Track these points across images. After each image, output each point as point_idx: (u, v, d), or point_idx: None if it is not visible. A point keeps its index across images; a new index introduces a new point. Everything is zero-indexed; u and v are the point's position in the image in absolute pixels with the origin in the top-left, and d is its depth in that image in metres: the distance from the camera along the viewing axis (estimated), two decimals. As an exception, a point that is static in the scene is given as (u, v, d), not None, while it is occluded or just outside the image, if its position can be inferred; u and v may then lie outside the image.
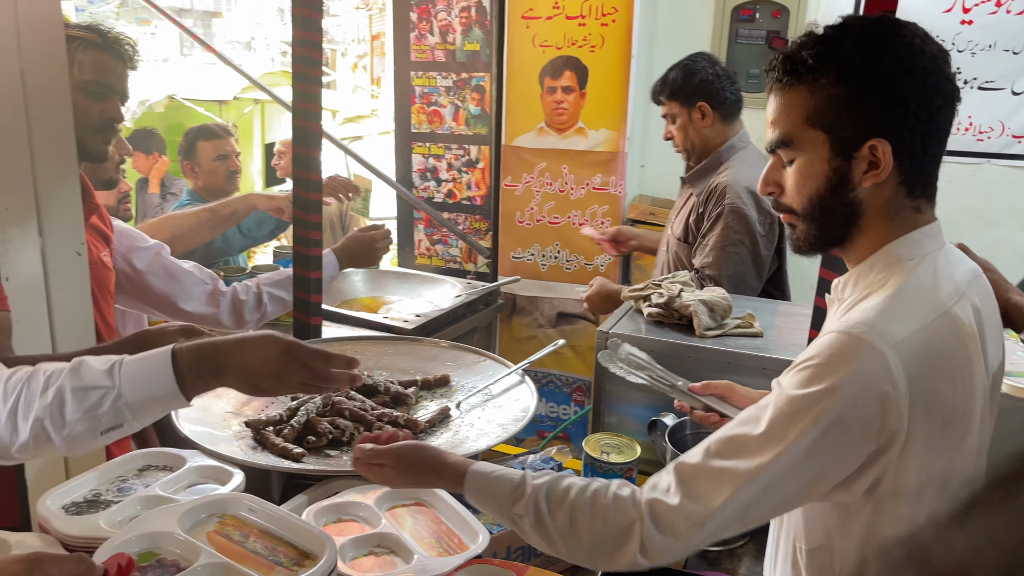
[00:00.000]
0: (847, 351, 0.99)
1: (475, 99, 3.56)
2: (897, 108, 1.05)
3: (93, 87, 1.78)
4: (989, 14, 3.29)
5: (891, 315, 1.02)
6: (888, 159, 1.05)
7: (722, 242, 2.41)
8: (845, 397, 0.98)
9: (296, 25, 1.86)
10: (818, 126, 1.08)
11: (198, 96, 6.31)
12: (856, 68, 1.05)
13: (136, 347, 1.36)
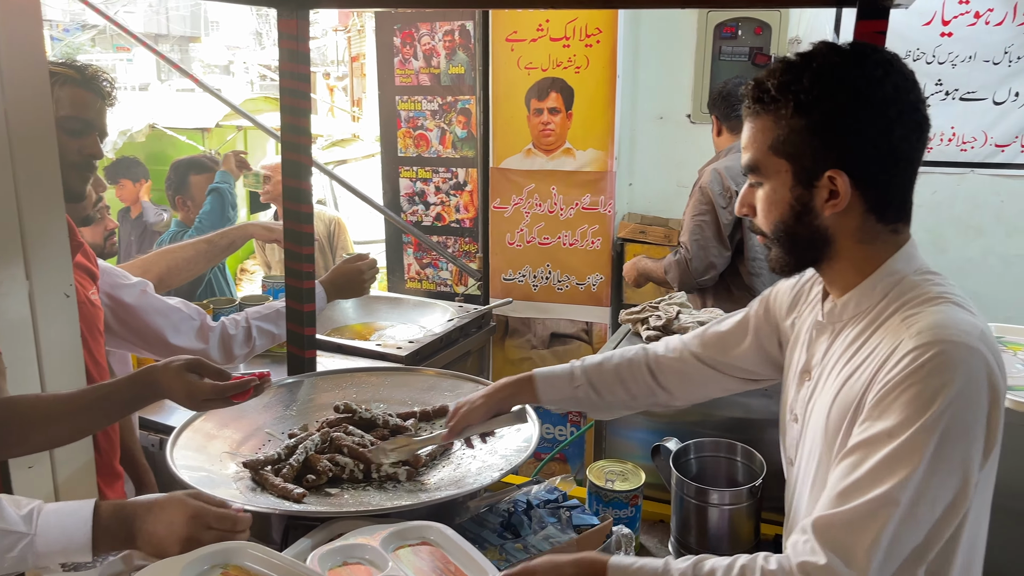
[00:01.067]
0: (947, 358, 0.99)
1: (461, 122, 3.56)
2: (854, 140, 1.07)
3: (72, 123, 1.75)
4: (968, 26, 3.33)
5: (958, 317, 1.04)
6: (846, 190, 1.08)
7: (691, 212, 2.77)
8: (964, 403, 0.97)
9: (283, 58, 1.85)
10: (781, 154, 1.12)
11: (179, 124, 6.27)
12: (813, 100, 1.07)
13: (144, 384, 1.43)
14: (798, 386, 1.27)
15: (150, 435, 2.13)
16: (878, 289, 1.13)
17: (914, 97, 1.09)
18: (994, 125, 3.41)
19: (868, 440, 1.01)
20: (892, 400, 1.01)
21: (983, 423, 1.00)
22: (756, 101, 1.13)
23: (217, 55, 20.65)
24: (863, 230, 1.12)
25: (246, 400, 1.48)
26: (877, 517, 0.97)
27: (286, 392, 1.92)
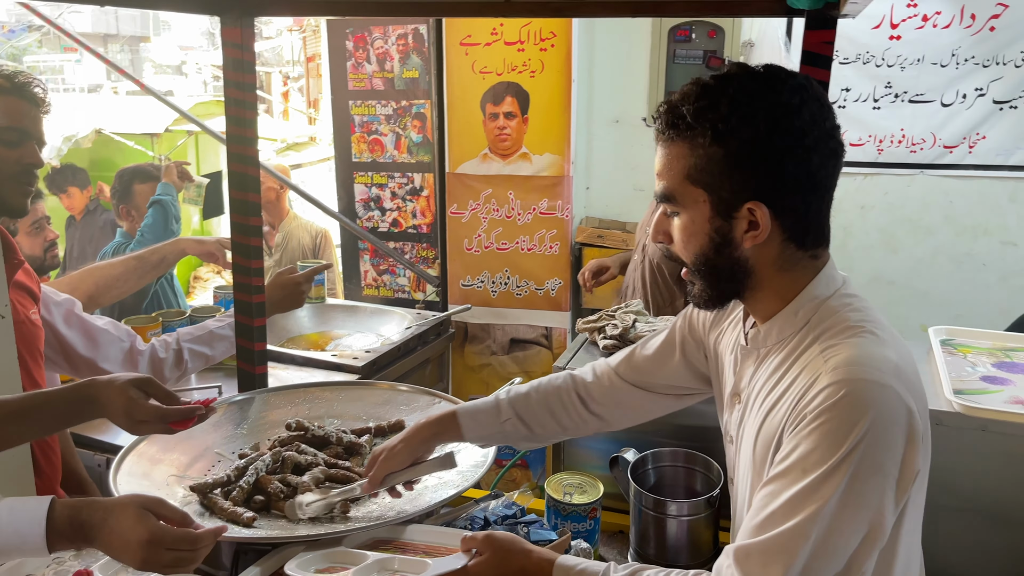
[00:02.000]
0: (860, 397, 0.98)
1: (416, 127, 3.52)
2: (773, 171, 1.04)
3: (6, 134, 1.68)
4: (916, 29, 3.38)
5: (873, 352, 1.02)
6: (766, 221, 1.05)
7: None
8: (874, 440, 0.97)
9: (228, 67, 1.80)
10: (699, 184, 1.07)
11: (128, 129, 6.11)
12: (730, 129, 1.03)
13: (82, 397, 1.35)
14: (730, 408, 1.27)
15: (95, 455, 2.07)
16: (799, 316, 1.11)
17: (830, 124, 1.06)
18: (942, 127, 3.48)
19: (783, 472, 1.02)
20: (806, 435, 1.00)
21: (897, 459, 0.99)
22: (670, 127, 1.08)
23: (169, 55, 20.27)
24: (783, 258, 1.10)
25: (186, 429, 1.39)
26: (789, 549, 0.98)
27: (236, 410, 1.87)
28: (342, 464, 1.66)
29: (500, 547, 1.23)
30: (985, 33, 3.34)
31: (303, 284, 2.22)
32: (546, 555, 1.21)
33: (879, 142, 3.54)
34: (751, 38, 3.56)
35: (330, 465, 1.65)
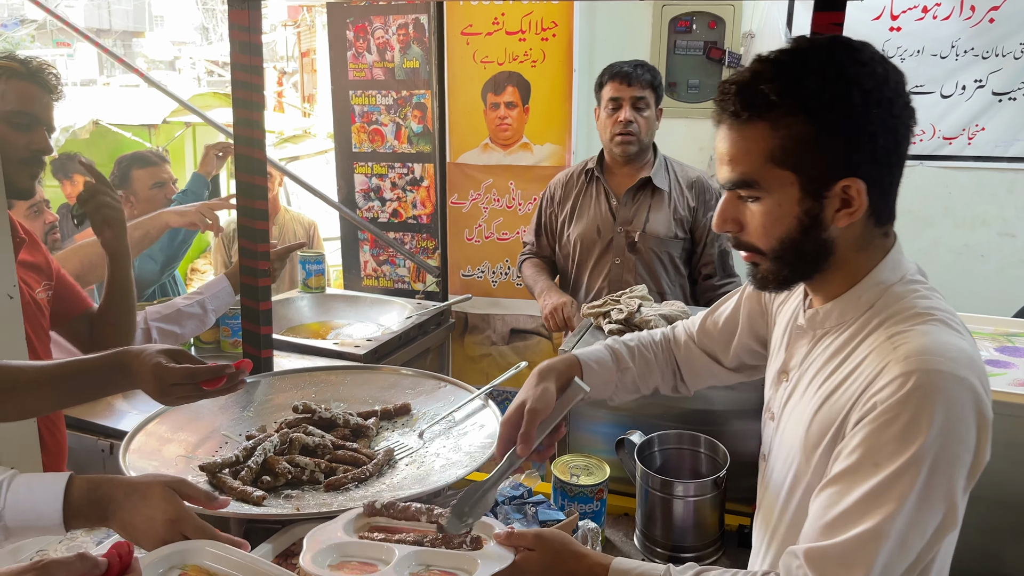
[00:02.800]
0: (935, 389, 0.95)
1: (417, 117, 3.52)
2: (869, 145, 1.00)
3: (18, 118, 1.70)
4: (916, 20, 3.40)
5: (947, 340, 0.99)
6: (863, 198, 1.02)
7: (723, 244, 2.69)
8: (949, 433, 0.94)
9: (235, 49, 1.80)
10: (786, 166, 1.02)
11: (125, 121, 6.09)
12: (823, 105, 0.99)
13: (114, 365, 1.33)
14: (775, 385, 1.25)
15: (99, 440, 2.06)
16: (863, 300, 1.08)
17: (907, 93, 1.03)
18: (942, 118, 3.49)
19: (853, 467, 0.98)
20: (877, 428, 0.97)
21: (971, 452, 0.96)
22: (747, 107, 1.02)
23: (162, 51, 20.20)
24: (863, 236, 1.07)
25: (216, 388, 1.34)
26: (868, 551, 0.95)
27: (243, 393, 1.86)
28: (349, 446, 1.66)
29: (550, 547, 1.16)
30: (985, 25, 3.35)
31: (275, 263, 2.18)
32: (599, 559, 1.14)
33: None
34: (751, 29, 3.57)
35: (337, 447, 1.66)
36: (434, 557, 1.16)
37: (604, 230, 2.68)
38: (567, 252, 2.77)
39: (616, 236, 2.67)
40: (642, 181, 2.66)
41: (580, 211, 2.74)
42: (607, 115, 2.63)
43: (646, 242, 2.64)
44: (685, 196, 2.69)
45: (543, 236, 2.87)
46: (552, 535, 1.18)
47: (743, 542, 1.65)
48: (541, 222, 2.86)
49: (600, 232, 2.69)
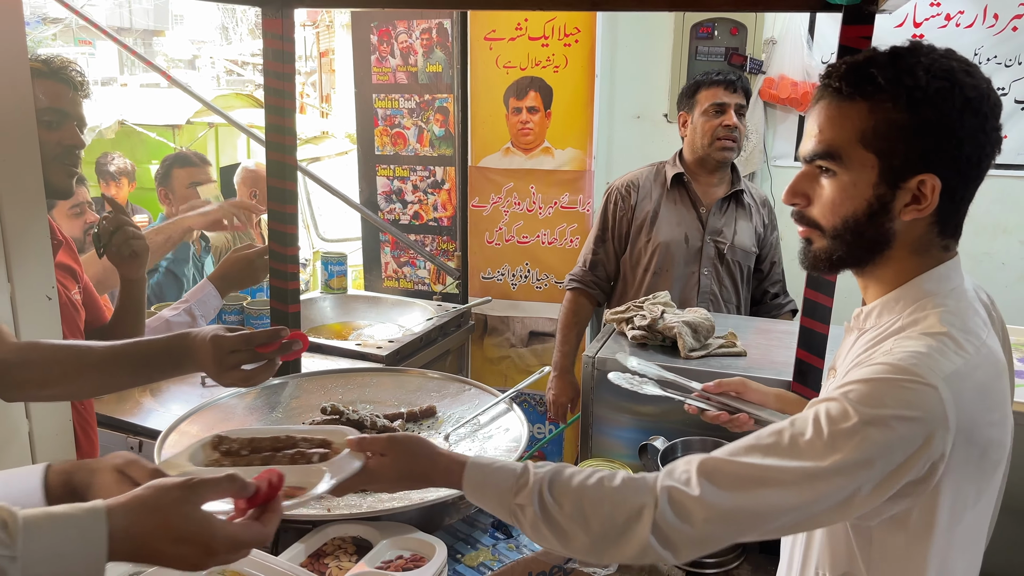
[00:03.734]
0: (901, 385, 0.98)
1: (439, 120, 3.54)
2: (955, 150, 1.03)
3: (46, 115, 1.70)
4: (939, 28, 3.40)
5: (938, 350, 1.01)
6: (935, 196, 1.04)
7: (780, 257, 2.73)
8: (894, 429, 0.96)
9: (268, 57, 1.83)
10: (871, 148, 1.05)
11: (149, 121, 6.16)
12: (926, 99, 1.01)
13: (177, 347, 1.36)
14: (826, 380, 1.30)
15: (129, 437, 2.10)
16: (900, 304, 1.11)
17: (998, 117, 1.06)
18: (963, 126, 3.48)
19: (802, 418, 1.02)
20: (836, 396, 1.00)
21: (905, 454, 0.97)
22: (853, 85, 1.05)
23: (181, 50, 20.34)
24: (923, 240, 1.09)
25: (271, 350, 1.35)
26: (762, 482, 0.98)
27: (271, 394, 1.91)
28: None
29: (404, 449, 1.16)
30: (1008, 33, 3.35)
31: (256, 260, 2.15)
32: (457, 457, 1.15)
33: None
34: (773, 36, 3.58)
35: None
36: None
37: (692, 238, 2.60)
38: (640, 259, 2.65)
39: (705, 245, 2.59)
40: (735, 193, 2.65)
41: (664, 216, 2.63)
42: (707, 119, 2.56)
43: (734, 254, 2.61)
44: (761, 213, 2.70)
45: (610, 242, 2.70)
46: (404, 438, 1.18)
47: (764, 548, 1.67)
48: (608, 226, 2.70)
49: (688, 240, 2.60)
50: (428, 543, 1.35)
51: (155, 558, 0.89)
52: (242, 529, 0.92)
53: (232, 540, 0.90)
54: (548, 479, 1.06)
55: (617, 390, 1.90)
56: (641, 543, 1.00)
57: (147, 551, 0.88)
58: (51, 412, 1.64)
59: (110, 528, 0.85)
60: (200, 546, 0.88)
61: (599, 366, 1.91)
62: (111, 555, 0.85)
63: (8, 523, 0.81)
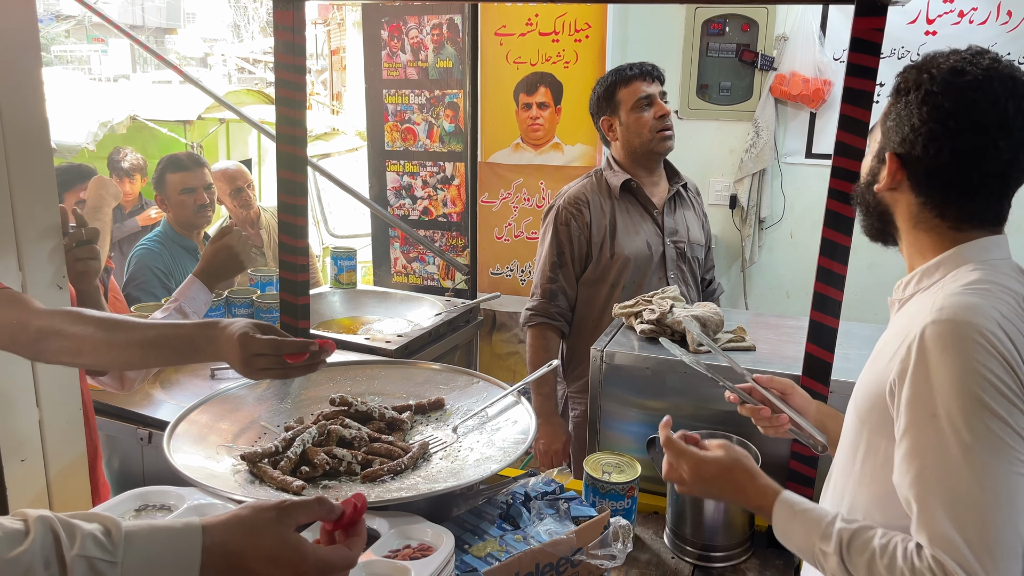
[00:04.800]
0: (956, 336, 1.04)
1: (449, 116, 3.54)
2: (913, 136, 1.16)
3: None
4: (952, 24, 3.38)
5: (981, 298, 1.08)
6: (892, 172, 1.20)
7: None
8: (979, 371, 1.02)
9: (279, 49, 1.83)
10: (882, 127, 1.25)
11: (161, 116, 6.19)
12: (905, 90, 1.19)
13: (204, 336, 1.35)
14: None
15: (139, 429, 2.11)
16: (940, 271, 1.19)
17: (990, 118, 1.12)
18: (976, 123, 3.46)
19: (915, 425, 1.06)
20: (907, 376, 1.07)
21: (1009, 386, 1.02)
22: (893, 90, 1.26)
23: (193, 47, 20.43)
24: (918, 218, 1.21)
25: (299, 362, 1.34)
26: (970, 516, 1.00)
27: (280, 385, 1.91)
28: (384, 439, 1.70)
29: (732, 453, 1.30)
30: (1022, 30, 3.33)
31: (236, 245, 2.03)
32: (771, 485, 1.25)
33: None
34: (785, 32, 3.56)
35: (373, 439, 1.69)
36: None
37: (653, 245, 2.50)
38: (606, 275, 2.48)
39: (667, 249, 2.51)
40: (679, 189, 2.56)
41: (622, 227, 2.48)
42: (639, 114, 2.44)
43: (692, 251, 2.54)
44: (698, 200, 2.66)
45: (569, 266, 2.50)
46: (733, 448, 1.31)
47: (772, 543, 1.66)
48: (564, 249, 2.49)
49: (651, 247, 2.49)
50: (436, 532, 1.35)
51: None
52: (331, 553, 0.95)
53: (322, 563, 0.93)
54: (850, 533, 1.11)
55: (625, 384, 1.91)
56: None
57: (240, 569, 0.90)
58: (61, 401, 1.65)
59: (205, 543, 0.88)
60: (291, 567, 0.91)
61: (607, 359, 1.91)
62: (204, 569, 0.88)
63: (112, 531, 0.85)
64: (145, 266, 3.03)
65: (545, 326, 2.53)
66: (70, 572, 0.82)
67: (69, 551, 0.82)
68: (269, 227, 4.00)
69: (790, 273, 3.96)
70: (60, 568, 0.82)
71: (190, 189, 3.14)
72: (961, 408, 1.02)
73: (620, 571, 1.58)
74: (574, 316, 2.56)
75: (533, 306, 2.55)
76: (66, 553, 0.82)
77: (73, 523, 0.85)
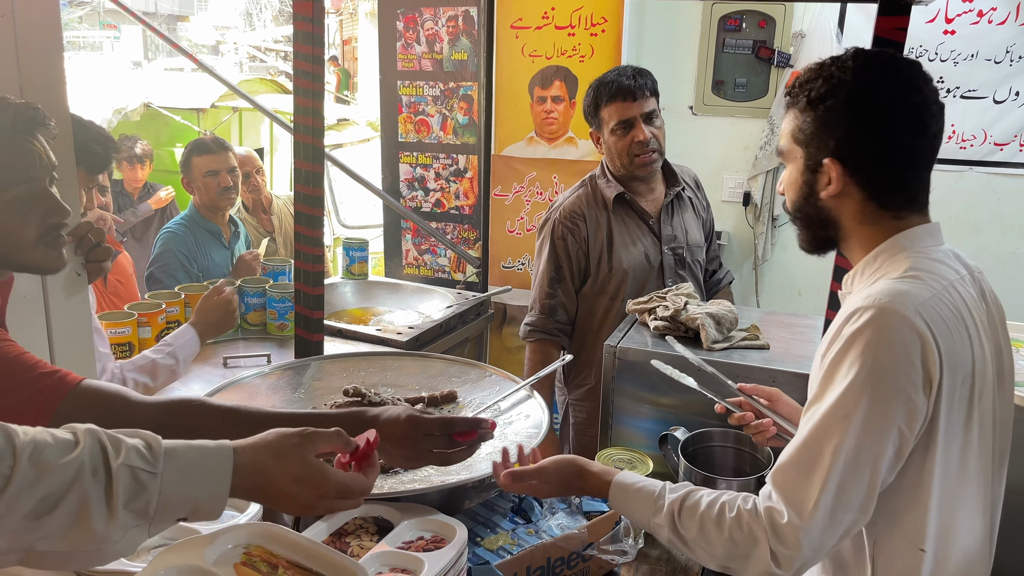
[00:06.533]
0: (875, 320, 1.11)
1: (463, 108, 3.54)
2: (849, 136, 1.21)
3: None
4: (971, 24, 3.35)
5: (907, 286, 1.15)
6: (837, 177, 1.23)
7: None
8: (884, 356, 1.10)
9: (298, 39, 1.83)
10: (799, 142, 1.28)
11: (174, 104, 6.20)
12: (820, 98, 1.23)
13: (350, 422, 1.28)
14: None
15: (152, 416, 2.12)
16: (878, 260, 1.24)
17: (916, 102, 1.20)
18: (994, 123, 3.44)
19: (813, 398, 1.17)
20: (830, 360, 1.15)
21: (917, 387, 1.11)
22: (789, 96, 1.30)
23: (205, 35, 20.43)
24: (863, 213, 1.25)
25: (468, 440, 1.32)
26: (821, 470, 1.11)
27: (294, 375, 1.92)
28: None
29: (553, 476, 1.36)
30: (1041, 31, 3.30)
31: (233, 302, 2.21)
32: (603, 478, 1.33)
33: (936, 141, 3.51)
34: (802, 29, 3.54)
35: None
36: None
37: (651, 255, 2.44)
38: (604, 288, 2.44)
39: (665, 257, 2.45)
40: (676, 194, 2.49)
41: (619, 240, 2.42)
42: (617, 139, 2.36)
43: (692, 255, 2.49)
44: (697, 196, 2.58)
45: (568, 280, 2.45)
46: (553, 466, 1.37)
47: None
48: (562, 264, 2.44)
49: (649, 258, 2.44)
50: (449, 525, 1.36)
51: (272, 496, 1.00)
52: (350, 478, 1.04)
53: (342, 486, 1.02)
54: (678, 505, 1.23)
55: (638, 380, 1.91)
56: (763, 568, 1.15)
57: (268, 488, 0.99)
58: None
59: (236, 462, 0.96)
60: (314, 488, 1.00)
61: (621, 355, 1.91)
62: (235, 488, 0.97)
63: (152, 446, 0.93)
64: (169, 249, 3.06)
65: (544, 341, 2.50)
66: (115, 480, 0.88)
67: (115, 460, 0.89)
68: (281, 213, 4.02)
69: (802, 272, 3.95)
70: (106, 476, 0.88)
71: (214, 172, 3.18)
72: (853, 386, 1.11)
73: (630, 567, 1.58)
74: (574, 327, 2.53)
75: (532, 321, 2.52)
76: (112, 462, 0.89)
77: (118, 436, 0.92)
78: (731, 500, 1.19)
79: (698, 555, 1.22)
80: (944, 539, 1.20)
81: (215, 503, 0.96)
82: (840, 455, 1.10)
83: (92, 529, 0.87)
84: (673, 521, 1.22)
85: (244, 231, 3.48)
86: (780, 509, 1.13)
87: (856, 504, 1.12)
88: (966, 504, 1.21)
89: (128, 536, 0.90)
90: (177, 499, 0.93)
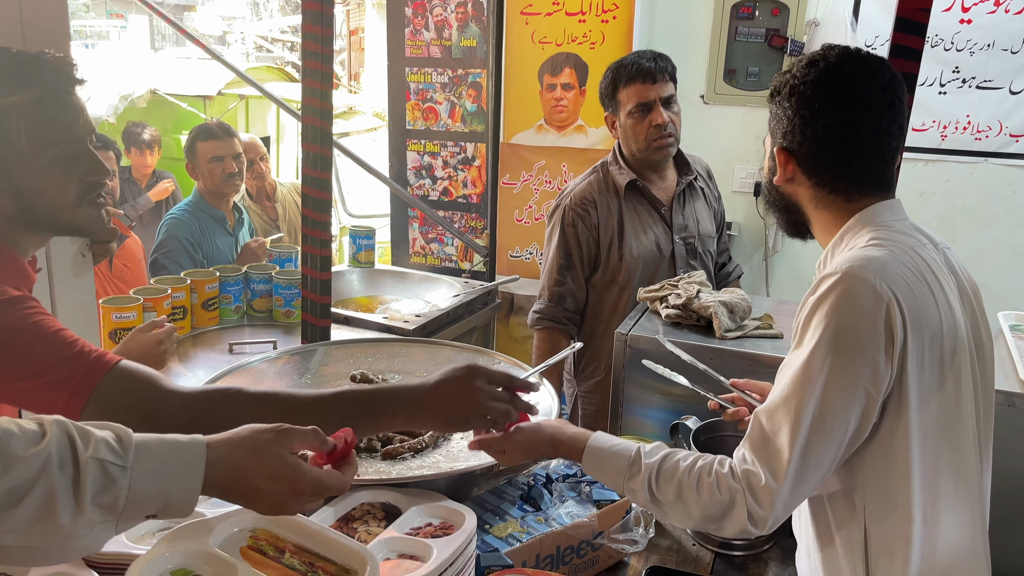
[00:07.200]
0: (837, 285, 1.16)
1: (471, 96, 3.51)
2: (791, 127, 1.30)
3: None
4: (988, 13, 3.31)
5: (866, 252, 1.20)
6: (783, 164, 1.32)
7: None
8: (846, 319, 1.14)
9: (306, 20, 1.81)
10: (769, 133, 1.37)
11: (181, 91, 6.18)
12: (775, 91, 1.34)
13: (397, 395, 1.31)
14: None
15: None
16: (844, 240, 1.29)
17: (852, 93, 1.25)
18: (1010, 114, 3.40)
19: (784, 363, 1.23)
20: (798, 326, 1.21)
21: (880, 347, 1.14)
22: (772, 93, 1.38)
23: (212, 25, 20.40)
24: (816, 199, 1.33)
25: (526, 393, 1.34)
26: (790, 432, 1.15)
27: (301, 360, 1.90)
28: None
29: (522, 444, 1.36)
30: (1059, 20, 3.26)
31: (165, 342, 1.81)
32: (576, 443, 1.35)
33: (943, 128, 3.47)
34: (816, 17, 3.50)
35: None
36: None
37: (663, 244, 2.42)
38: (615, 276, 2.41)
39: (676, 247, 2.42)
40: (689, 182, 2.46)
41: (630, 228, 2.39)
42: (635, 121, 2.33)
43: (703, 245, 2.46)
44: (709, 186, 2.55)
45: (577, 268, 2.43)
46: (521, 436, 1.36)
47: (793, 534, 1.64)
48: (572, 251, 2.42)
49: (660, 247, 2.41)
50: (458, 511, 1.33)
51: (245, 492, 0.97)
52: (325, 474, 1.01)
53: (317, 483, 0.99)
54: (656, 469, 1.26)
55: (649, 369, 1.88)
56: (740, 526, 1.19)
57: (240, 484, 0.96)
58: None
59: (209, 458, 0.93)
60: (289, 484, 0.97)
61: (632, 344, 1.89)
62: (207, 483, 0.93)
63: (123, 439, 0.90)
64: (173, 235, 3.05)
65: (552, 329, 2.47)
66: (83, 473, 0.85)
67: (84, 453, 0.86)
68: (285, 201, 4.00)
69: (812, 263, 3.89)
70: (74, 469, 0.85)
71: (219, 158, 3.16)
72: (819, 348, 1.15)
73: (640, 557, 1.56)
74: (584, 317, 2.50)
75: (540, 308, 2.48)
76: (80, 455, 0.86)
77: (87, 428, 0.89)
78: (708, 464, 1.24)
79: (672, 517, 1.27)
80: (932, 503, 1.21)
81: (186, 499, 0.93)
82: (807, 415, 1.15)
83: (59, 524, 0.84)
84: (650, 485, 1.26)
85: (248, 218, 3.46)
86: (757, 471, 1.18)
87: (826, 463, 1.17)
88: (950, 468, 1.22)
89: (95, 532, 0.88)
90: (147, 494, 0.90)
